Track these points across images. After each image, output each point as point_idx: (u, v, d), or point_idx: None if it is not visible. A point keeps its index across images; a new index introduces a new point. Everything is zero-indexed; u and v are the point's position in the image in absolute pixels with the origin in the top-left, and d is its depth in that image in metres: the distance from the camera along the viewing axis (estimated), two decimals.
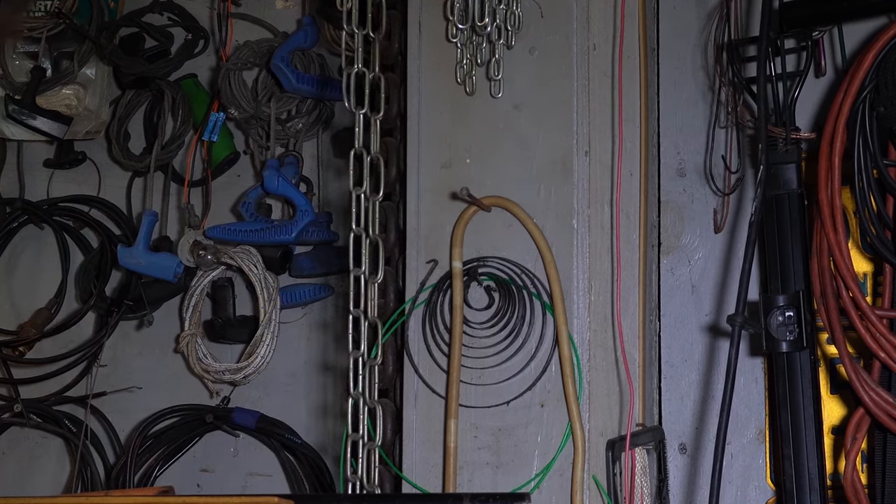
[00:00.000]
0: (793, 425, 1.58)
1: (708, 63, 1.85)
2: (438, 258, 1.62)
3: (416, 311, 1.62)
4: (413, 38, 1.67)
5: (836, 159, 1.53)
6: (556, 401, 1.55)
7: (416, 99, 1.65)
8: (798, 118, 1.70)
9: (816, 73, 1.77)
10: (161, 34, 2.23)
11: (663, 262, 1.85)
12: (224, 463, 2.19)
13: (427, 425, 1.60)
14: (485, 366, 1.58)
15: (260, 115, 2.12)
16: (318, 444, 2.12)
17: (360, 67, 1.52)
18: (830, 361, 1.75)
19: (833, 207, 1.53)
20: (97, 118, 2.25)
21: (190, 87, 2.23)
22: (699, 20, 1.87)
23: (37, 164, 2.36)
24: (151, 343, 2.26)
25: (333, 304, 2.18)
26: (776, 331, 1.55)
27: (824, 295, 1.54)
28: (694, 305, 1.84)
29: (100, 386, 2.22)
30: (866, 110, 1.52)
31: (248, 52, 2.16)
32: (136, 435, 2.13)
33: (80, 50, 2.20)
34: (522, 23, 1.61)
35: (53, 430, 2.24)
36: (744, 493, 1.79)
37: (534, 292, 1.57)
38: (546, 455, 1.54)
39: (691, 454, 1.82)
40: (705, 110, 1.85)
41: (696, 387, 1.83)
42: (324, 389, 2.17)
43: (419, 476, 1.59)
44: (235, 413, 2.14)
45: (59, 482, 2.28)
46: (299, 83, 2.06)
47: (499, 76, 1.60)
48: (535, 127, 1.60)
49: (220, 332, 2.14)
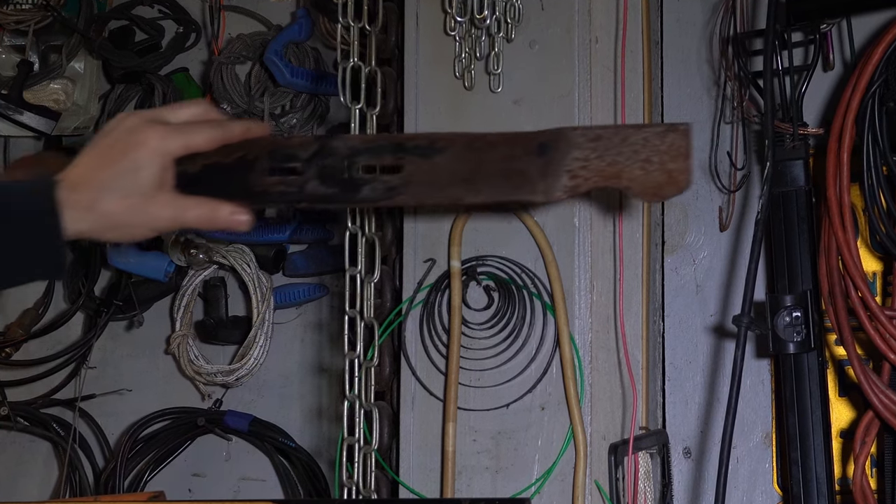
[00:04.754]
0: (800, 429, 1.57)
1: (713, 57, 1.83)
2: (436, 257, 1.60)
3: (413, 312, 1.60)
4: (410, 32, 1.65)
5: (845, 155, 1.51)
6: (557, 403, 1.53)
7: (414, 94, 1.63)
8: (805, 113, 1.68)
9: (824, 67, 1.75)
10: (151, 27, 2.20)
11: (667, 260, 1.83)
12: (216, 467, 2.18)
13: (424, 429, 1.58)
14: (484, 368, 1.56)
15: (253, 110, 2.10)
16: (313, 448, 2.11)
17: (356, 61, 1.51)
18: (839, 363, 1.73)
19: (841, 205, 1.51)
20: (86, 113, 2.23)
21: (181, 81, 2.21)
22: (704, 13, 1.85)
23: None
24: (141, 344, 2.25)
25: (328, 304, 2.16)
26: (783, 332, 1.54)
27: (832, 295, 1.53)
28: (698, 305, 1.83)
29: (89, 388, 2.21)
30: (876, 105, 1.50)
31: (241, 45, 2.15)
32: (126, 438, 2.12)
33: (68, 43, 2.18)
34: (522, 15, 1.59)
35: (41, 433, 2.23)
36: (750, 498, 1.78)
37: (534, 292, 1.55)
38: (547, 459, 1.52)
39: (696, 458, 1.80)
40: (710, 105, 1.83)
41: (700, 389, 1.81)
42: (319, 392, 2.15)
43: (416, 481, 1.57)
44: (228, 416, 2.12)
45: (47, 487, 2.27)
46: (293, 77, 2.04)
47: (498, 70, 1.58)
48: (536, 122, 1.58)
49: (212, 332, 2.12)
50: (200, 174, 1.21)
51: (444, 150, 1.22)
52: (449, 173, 1.23)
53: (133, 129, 1.15)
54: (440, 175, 1.23)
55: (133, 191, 1.13)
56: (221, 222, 1.20)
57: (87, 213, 1.12)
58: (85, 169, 1.14)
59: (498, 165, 1.22)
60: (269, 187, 1.23)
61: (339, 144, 1.24)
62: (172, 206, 1.16)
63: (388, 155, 1.24)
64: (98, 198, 1.12)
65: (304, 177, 1.24)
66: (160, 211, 1.16)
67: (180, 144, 1.17)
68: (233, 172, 1.22)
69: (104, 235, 1.15)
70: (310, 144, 1.25)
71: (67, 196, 1.11)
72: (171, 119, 1.19)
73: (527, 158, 1.21)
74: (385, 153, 1.24)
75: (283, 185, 1.24)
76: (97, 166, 1.14)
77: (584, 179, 1.20)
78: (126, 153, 1.14)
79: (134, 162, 1.14)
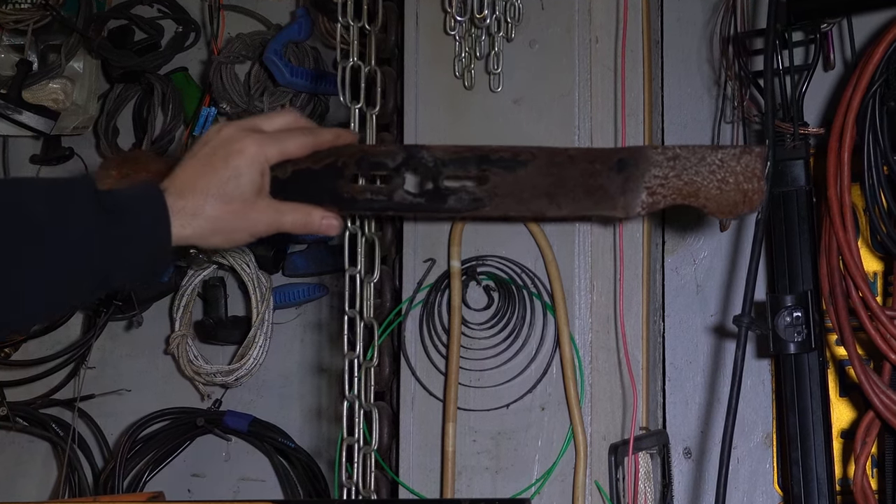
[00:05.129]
0: (801, 429, 1.56)
1: (713, 56, 1.82)
2: (436, 257, 1.59)
3: (413, 312, 1.59)
4: (410, 31, 1.64)
5: (846, 155, 1.51)
6: (558, 404, 1.52)
7: (414, 93, 1.63)
8: (806, 113, 1.67)
9: (825, 67, 1.75)
10: (151, 27, 2.20)
11: (667, 260, 1.83)
12: (215, 467, 2.17)
13: (424, 429, 1.57)
14: (484, 368, 1.56)
15: (252, 109, 2.09)
16: (313, 449, 2.10)
17: (356, 61, 1.50)
18: (839, 363, 1.73)
19: (842, 205, 1.51)
20: (85, 113, 2.22)
21: (180, 81, 2.20)
22: (704, 12, 1.85)
23: (23, 160, 2.32)
24: (141, 344, 2.24)
25: (328, 304, 2.15)
26: (784, 332, 1.53)
27: (833, 295, 1.52)
28: (699, 306, 1.82)
29: (88, 388, 2.20)
30: (876, 105, 1.49)
31: (241, 44, 2.14)
32: (125, 439, 2.11)
33: (67, 43, 2.17)
34: (522, 15, 1.58)
35: (40, 433, 2.22)
36: (750, 499, 1.77)
37: (534, 292, 1.54)
38: (547, 460, 1.52)
39: (696, 459, 1.80)
40: (711, 105, 1.83)
41: (701, 389, 1.81)
42: (318, 392, 2.14)
43: (416, 481, 1.56)
44: (227, 416, 2.11)
45: (46, 487, 2.26)
46: (293, 77, 2.04)
47: (498, 70, 1.58)
48: (536, 122, 1.57)
49: (212, 332, 2.12)
50: (291, 180, 1.25)
51: (526, 164, 1.27)
52: (531, 187, 1.27)
53: (232, 139, 1.20)
54: (523, 188, 1.27)
55: (235, 196, 1.18)
56: (314, 226, 1.25)
57: (193, 218, 1.16)
58: (188, 176, 1.18)
59: (579, 180, 1.27)
60: (357, 194, 1.28)
61: (425, 154, 1.26)
62: (271, 211, 1.21)
63: (473, 167, 1.27)
64: (203, 204, 1.16)
65: (391, 185, 1.27)
66: (260, 215, 1.20)
67: (276, 151, 1.22)
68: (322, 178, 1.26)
69: (207, 240, 1.19)
70: (396, 153, 1.29)
71: (175, 202, 1.15)
72: (265, 128, 1.24)
73: (607, 174, 1.26)
74: (470, 165, 1.28)
75: (371, 192, 1.28)
76: (200, 174, 1.18)
77: (663, 196, 1.25)
78: (227, 161, 1.19)
79: (235, 169, 1.19)
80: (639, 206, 1.25)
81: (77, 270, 1.10)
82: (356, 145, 1.30)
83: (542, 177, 1.27)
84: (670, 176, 1.25)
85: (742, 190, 1.24)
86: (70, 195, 1.11)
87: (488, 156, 1.28)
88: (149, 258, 1.15)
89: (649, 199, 1.26)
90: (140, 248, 1.14)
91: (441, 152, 1.28)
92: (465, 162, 1.28)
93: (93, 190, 1.12)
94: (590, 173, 1.26)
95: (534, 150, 1.28)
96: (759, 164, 1.25)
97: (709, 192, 1.25)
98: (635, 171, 1.25)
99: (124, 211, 1.12)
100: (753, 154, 1.25)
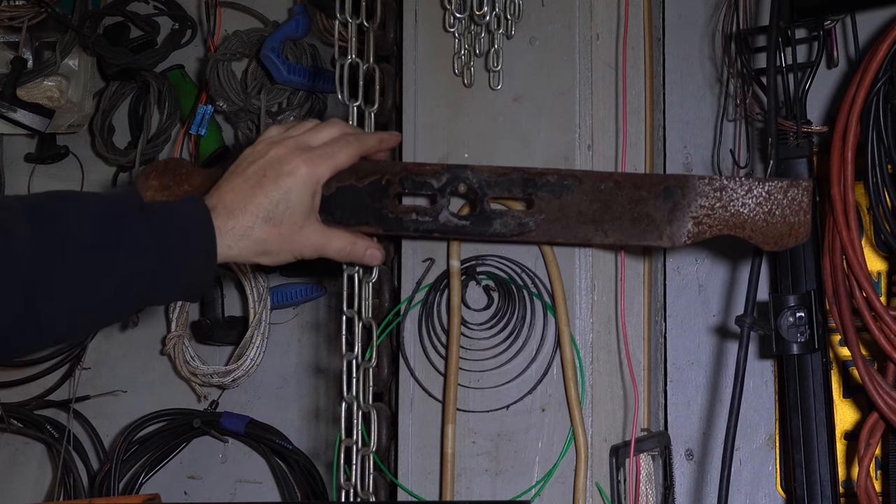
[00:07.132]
0: (804, 430, 1.56)
1: (716, 54, 1.82)
2: (436, 256, 1.58)
3: (412, 312, 1.58)
4: (409, 28, 1.63)
5: (849, 154, 1.50)
6: (558, 405, 1.51)
7: (412, 91, 1.62)
8: (809, 111, 1.67)
9: (828, 64, 1.74)
10: (147, 23, 2.19)
11: (669, 260, 1.82)
12: (212, 469, 2.16)
13: (423, 430, 1.56)
14: (483, 368, 1.55)
15: (249, 107, 2.09)
16: (310, 450, 2.09)
17: (354, 58, 1.49)
18: (843, 364, 1.72)
19: (846, 204, 1.50)
20: (80, 111, 2.21)
21: (177, 78, 2.20)
22: (706, 9, 1.84)
23: (17, 158, 2.32)
24: (137, 345, 2.23)
25: (326, 304, 2.15)
26: (787, 332, 1.53)
27: (836, 295, 1.51)
28: (701, 306, 1.81)
29: (83, 389, 2.20)
30: (880, 102, 1.49)
31: (237, 42, 2.14)
32: (121, 440, 2.10)
33: (62, 40, 2.16)
34: (522, 12, 1.57)
35: (35, 435, 2.21)
36: (753, 501, 1.76)
37: (534, 292, 1.53)
38: (547, 461, 1.51)
39: (698, 460, 1.79)
40: (713, 103, 1.82)
41: (703, 390, 1.80)
42: (316, 393, 2.14)
43: (415, 483, 1.55)
44: (224, 418, 2.11)
45: (41, 489, 2.25)
46: (290, 74, 2.04)
47: (498, 67, 1.57)
48: (536, 120, 1.56)
49: (208, 333, 2.11)
50: (335, 196, 1.23)
51: (573, 189, 1.26)
52: (577, 213, 1.27)
53: (282, 159, 1.19)
54: (569, 214, 1.27)
55: (285, 220, 1.17)
56: (358, 256, 1.25)
57: (241, 240, 1.15)
58: (237, 196, 1.16)
59: (626, 207, 1.26)
60: (402, 214, 1.27)
61: (470, 175, 1.25)
62: (318, 237, 1.21)
63: (519, 189, 1.26)
64: (252, 226, 1.15)
65: (436, 206, 1.26)
66: (307, 239, 1.20)
67: (327, 168, 1.21)
68: (366, 197, 1.25)
69: (251, 260, 1.19)
70: (441, 173, 1.27)
71: (223, 223, 1.14)
72: (313, 143, 1.23)
73: (653, 202, 1.26)
74: (515, 188, 1.26)
75: (417, 213, 1.28)
76: (250, 195, 1.16)
77: (708, 227, 1.26)
78: (278, 182, 1.17)
79: (287, 192, 1.17)
80: (685, 236, 1.25)
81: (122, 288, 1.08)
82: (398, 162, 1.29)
83: (589, 203, 1.26)
84: (716, 207, 1.25)
85: (788, 223, 1.25)
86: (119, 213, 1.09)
87: (534, 179, 1.26)
88: (192, 276, 1.13)
89: (695, 229, 1.26)
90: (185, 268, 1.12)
91: (485, 173, 1.27)
92: (511, 184, 1.26)
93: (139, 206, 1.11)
94: (636, 200, 1.26)
95: (578, 174, 1.27)
96: (806, 197, 1.25)
97: (755, 224, 1.25)
98: (682, 201, 1.25)
99: (172, 229, 1.11)
100: (801, 188, 1.26)
